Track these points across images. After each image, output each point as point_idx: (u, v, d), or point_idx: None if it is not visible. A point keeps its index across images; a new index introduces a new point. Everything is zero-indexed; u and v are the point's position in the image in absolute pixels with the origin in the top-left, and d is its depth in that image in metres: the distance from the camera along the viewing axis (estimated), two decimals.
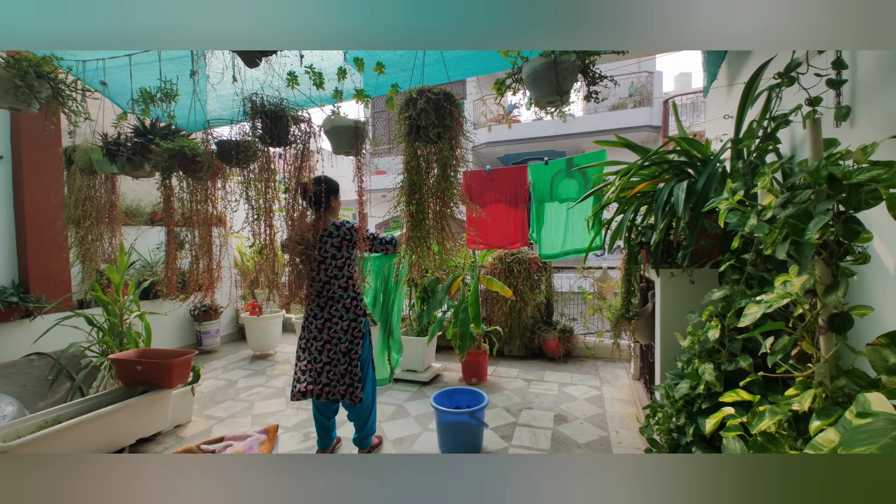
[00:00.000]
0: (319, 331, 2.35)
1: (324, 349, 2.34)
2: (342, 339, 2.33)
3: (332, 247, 2.32)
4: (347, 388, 2.34)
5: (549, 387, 3.63)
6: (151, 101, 2.46)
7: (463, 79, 3.42)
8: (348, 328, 2.34)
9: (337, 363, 2.34)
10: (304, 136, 2.15)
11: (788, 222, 0.95)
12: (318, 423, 2.52)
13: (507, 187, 3.92)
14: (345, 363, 2.34)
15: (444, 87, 1.76)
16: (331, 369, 2.34)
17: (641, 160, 1.96)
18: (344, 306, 2.35)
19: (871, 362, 0.82)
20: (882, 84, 1.17)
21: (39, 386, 2.89)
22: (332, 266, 2.33)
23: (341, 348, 2.33)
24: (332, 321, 2.34)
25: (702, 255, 1.87)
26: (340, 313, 2.34)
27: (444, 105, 1.71)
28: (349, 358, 2.34)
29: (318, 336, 2.35)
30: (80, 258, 2.87)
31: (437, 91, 1.71)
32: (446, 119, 1.71)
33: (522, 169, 3.84)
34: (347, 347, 2.34)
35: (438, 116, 1.69)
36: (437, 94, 1.71)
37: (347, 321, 2.34)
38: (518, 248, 4.19)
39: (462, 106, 1.80)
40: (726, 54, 2.58)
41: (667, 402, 1.57)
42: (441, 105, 1.70)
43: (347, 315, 2.34)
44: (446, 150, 1.73)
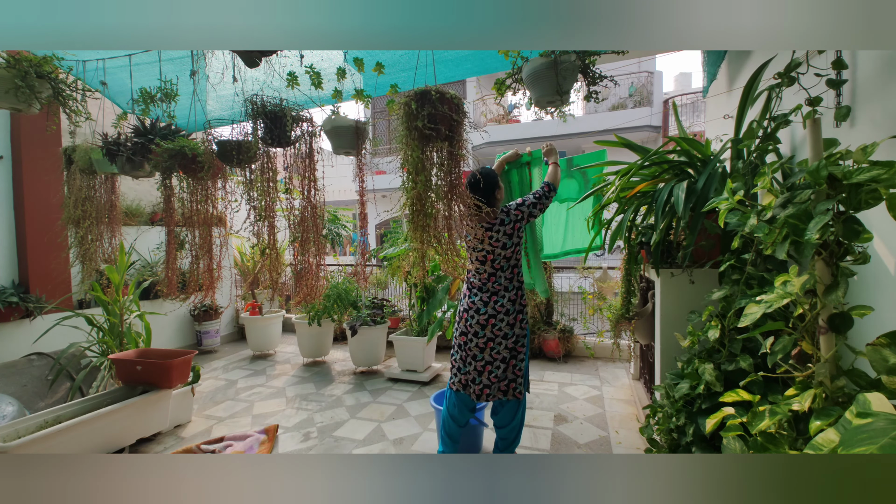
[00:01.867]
0: (481, 328, 2.14)
1: (485, 347, 2.15)
2: (509, 335, 2.14)
3: (503, 235, 2.11)
4: (510, 382, 2.18)
5: (549, 387, 3.63)
6: (151, 101, 2.47)
7: (463, 79, 3.42)
8: (515, 322, 2.15)
9: (500, 360, 2.15)
10: (305, 136, 2.15)
11: (788, 222, 0.95)
12: (447, 430, 2.28)
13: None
14: (509, 359, 2.16)
15: (445, 87, 1.76)
16: (493, 368, 2.16)
17: (641, 160, 1.96)
18: (510, 299, 2.14)
19: (871, 362, 0.82)
20: (882, 84, 1.17)
21: (39, 386, 2.89)
22: (500, 256, 2.13)
23: (507, 344, 2.15)
24: (495, 317, 2.12)
25: (702, 255, 1.87)
26: (506, 307, 2.13)
27: (446, 104, 1.71)
28: (515, 351, 2.16)
29: (479, 333, 2.14)
30: (80, 258, 2.87)
31: (439, 90, 1.72)
32: (448, 118, 1.71)
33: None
34: (513, 343, 2.15)
35: (440, 116, 1.69)
36: (439, 93, 1.71)
37: (514, 314, 2.15)
38: None
39: (463, 106, 1.80)
40: (726, 54, 2.58)
41: (667, 402, 1.57)
42: (443, 104, 1.70)
43: (514, 308, 2.15)
44: (449, 150, 1.73)
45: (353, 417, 3.12)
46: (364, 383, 3.84)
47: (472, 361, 2.18)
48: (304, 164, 2.21)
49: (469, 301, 2.18)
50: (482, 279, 2.15)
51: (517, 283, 2.18)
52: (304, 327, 4.34)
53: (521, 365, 2.19)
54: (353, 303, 4.40)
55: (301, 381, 3.95)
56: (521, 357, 2.19)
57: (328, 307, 4.28)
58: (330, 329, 4.53)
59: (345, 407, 3.31)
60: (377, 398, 3.46)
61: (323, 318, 4.31)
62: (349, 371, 4.21)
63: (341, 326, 4.67)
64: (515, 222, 2.12)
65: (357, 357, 4.13)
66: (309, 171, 2.22)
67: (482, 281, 2.15)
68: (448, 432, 2.29)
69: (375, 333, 4.09)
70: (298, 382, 3.91)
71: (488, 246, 2.10)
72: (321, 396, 3.54)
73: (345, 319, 4.41)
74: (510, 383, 2.18)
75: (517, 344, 2.17)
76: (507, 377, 2.17)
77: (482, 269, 2.15)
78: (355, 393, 3.61)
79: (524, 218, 2.15)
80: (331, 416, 3.15)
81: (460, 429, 2.29)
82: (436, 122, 1.67)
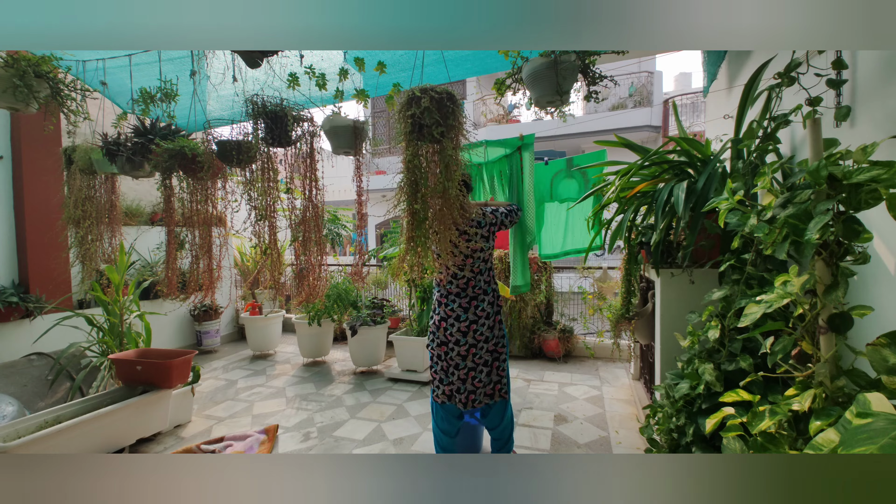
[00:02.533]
0: (463, 335, 2.13)
1: (467, 355, 2.15)
2: (489, 339, 2.16)
3: (481, 238, 2.13)
4: (496, 385, 2.19)
5: (549, 387, 3.63)
6: (151, 102, 2.46)
7: (463, 79, 3.43)
8: (494, 325, 2.18)
9: (483, 365, 2.17)
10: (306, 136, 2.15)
11: (788, 222, 0.95)
12: (441, 446, 2.28)
13: None
14: (491, 362, 2.18)
15: (445, 87, 1.76)
16: (476, 374, 2.16)
17: (641, 160, 1.96)
18: (489, 302, 2.17)
19: (871, 362, 0.82)
20: (882, 84, 1.17)
21: (39, 386, 2.89)
22: (478, 259, 2.14)
23: (488, 348, 2.16)
24: (476, 322, 2.14)
25: (702, 255, 1.87)
26: (487, 311, 2.15)
27: (446, 104, 1.71)
28: (496, 353, 2.19)
29: (461, 341, 2.14)
30: (80, 258, 2.87)
31: (440, 90, 1.71)
32: (448, 118, 1.71)
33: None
34: (493, 347, 2.18)
35: (441, 115, 1.69)
36: (439, 93, 1.71)
37: (493, 318, 2.17)
38: None
39: (463, 105, 1.80)
40: (726, 54, 2.58)
41: (667, 402, 1.56)
42: (443, 104, 1.70)
43: (493, 311, 2.18)
44: (448, 150, 1.73)
45: (353, 417, 3.12)
46: (364, 383, 3.84)
47: (455, 371, 2.17)
48: (304, 163, 2.21)
49: (447, 309, 2.16)
50: (461, 285, 2.15)
51: (494, 286, 2.21)
52: (304, 327, 4.34)
53: (504, 365, 2.22)
54: (353, 303, 4.40)
55: (301, 381, 3.95)
56: (503, 358, 2.21)
57: (328, 307, 4.28)
58: (330, 329, 4.53)
59: (345, 407, 3.31)
60: (377, 398, 3.46)
61: (323, 318, 4.31)
62: (349, 371, 4.21)
63: (341, 326, 4.67)
64: (491, 225, 2.17)
65: (357, 357, 4.13)
66: (309, 171, 2.22)
67: (461, 287, 2.15)
68: (442, 447, 2.30)
69: (375, 333, 4.09)
70: (298, 382, 3.91)
71: (467, 250, 2.09)
72: (321, 396, 3.54)
73: (345, 319, 4.41)
74: (495, 385, 2.19)
75: (497, 346, 2.19)
76: (491, 380, 2.18)
77: (461, 275, 2.14)
78: (355, 393, 3.61)
79: (497, 224, 2.20)
80: (331, 416, 3.15)
81: (453, 440, 2.30)
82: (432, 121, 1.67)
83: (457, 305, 2.14)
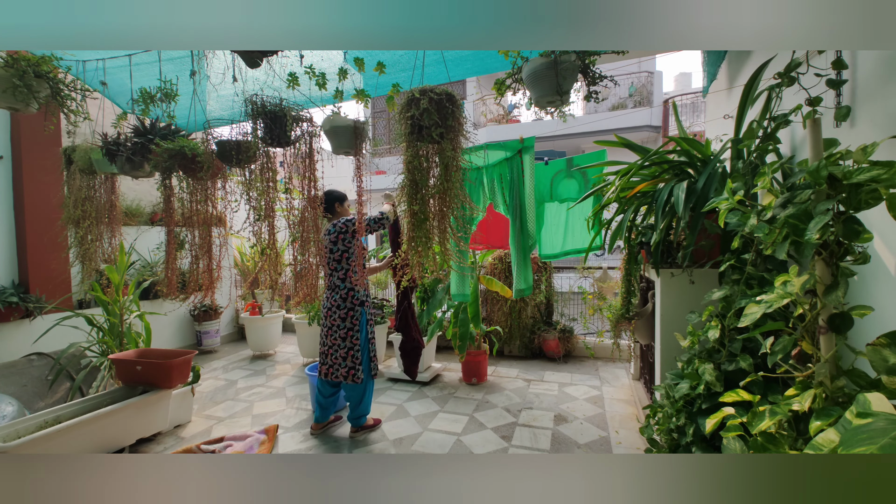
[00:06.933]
0: (326, 317, 2.73)
1: (328, 334, 2.72)
2: (341, 326, 2.67)
3: (330, 242, 2.66)
4: (349, 370, 2.66)
5: (549, 387, 3.63)
6: (151, 102, 2.46)
7: (463, 79, 3.42)
8: (346, 316, 2.67)
9: (338, 347, 2.68)
10: (305, 136, 2.15)
11: (788, 222, 0.95)
12: (317, 400, 2.84)
13: None
14: (345, 348, 2.67)
15: (445, 88, 1.76)
16: (334, 352, 2.70)
17: (641, 160, 1.96)
18: (341, 296, 2.67)
19: (871, 362, 0.82)
20: (882, 84, 1.17)
21: (39, 386, 2.89)
22: (332, 259, 2.67)
23: (340, 334, 2.67)
24: (331, 309, 2.69)
25: (702, 255, 1.87)
26: (338, 302, 2.67)
27: (446, 105, 1.71)
28: (349, 343, 2.66)
29: (324, 322, 2.74)
30: (80, 258, 2.87)
31: (439, 91, 1.71)
32: (448, 119, 1.71)
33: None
34: (345, 334, 2.67)
35: (441, 116, 1.69)
36: (439, 93, 1.70)
37: (345, 310, 2.66)
38: None
39: (462, 106, 1.80)
40: (726, 54, 2.58)
41: (667, 402, 1.56)
42: (443, 105, 1.70)
43: (344, 304, 2.66)
44: (448, 150, 1.73)
45: None
46: None
47: (321, 345, 2.76)
48: (304, 164, 2.20)
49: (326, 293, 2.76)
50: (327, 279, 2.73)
51: (349, 285, 2.67)
52: (304, 327, 4.34)
53: (359, 356, 2.67)
54: None
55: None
56: (358, 349, 2.67)
57: None
58: None
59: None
60: (377, 398, 3.46)
61: None
62: None
63: None
64: (339, 233, 2.66)
65: None
66: (309, 171, 2.22)
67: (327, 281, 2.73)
68: (318, 401, 2.85)
69: (375, 333, 4.08)
70: (298, 382, 3.90)
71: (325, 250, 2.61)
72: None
73: None
74: (349, 370, 2.67)
75: (350, 336, 2.67)
76: (346, 364, 2.68)
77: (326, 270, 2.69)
78: None
79: (346, 231, 2.65)
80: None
81: (326, 399, 2.82)
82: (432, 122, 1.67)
83: (325, 294, 2.75)
